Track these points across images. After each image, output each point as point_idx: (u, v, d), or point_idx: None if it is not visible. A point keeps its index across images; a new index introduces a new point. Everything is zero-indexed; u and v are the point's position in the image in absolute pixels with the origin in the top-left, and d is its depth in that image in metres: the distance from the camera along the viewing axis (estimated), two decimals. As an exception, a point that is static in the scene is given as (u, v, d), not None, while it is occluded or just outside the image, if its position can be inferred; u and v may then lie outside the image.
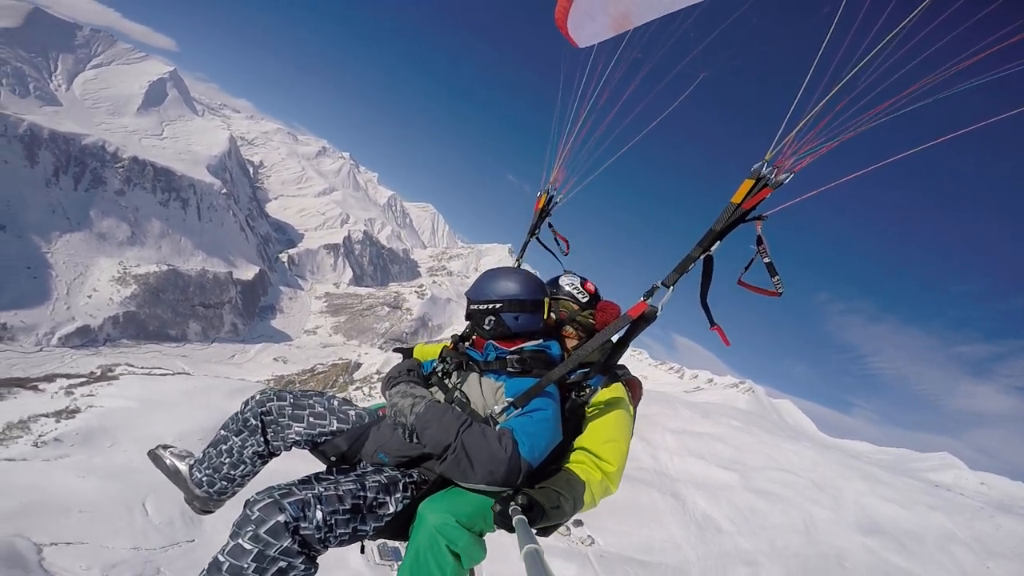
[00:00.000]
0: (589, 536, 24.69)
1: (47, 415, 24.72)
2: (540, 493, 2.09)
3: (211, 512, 2.72)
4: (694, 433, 42.61)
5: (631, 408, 2.67)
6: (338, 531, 1.91)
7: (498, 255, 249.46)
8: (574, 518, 2.40)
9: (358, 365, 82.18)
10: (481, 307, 2.60)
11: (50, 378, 41.44)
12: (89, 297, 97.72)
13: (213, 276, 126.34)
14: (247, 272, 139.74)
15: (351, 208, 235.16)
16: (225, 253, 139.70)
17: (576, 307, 2.93)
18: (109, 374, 44.41)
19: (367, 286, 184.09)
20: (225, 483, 2.56)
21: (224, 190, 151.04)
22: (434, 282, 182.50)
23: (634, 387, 2.81)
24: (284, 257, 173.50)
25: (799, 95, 1.86)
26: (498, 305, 2.55)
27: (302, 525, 1.79)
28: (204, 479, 2.56)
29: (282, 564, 1.73)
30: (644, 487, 30.93)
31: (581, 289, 2.98)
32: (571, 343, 2.87)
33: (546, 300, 2.65)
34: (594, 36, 3.15)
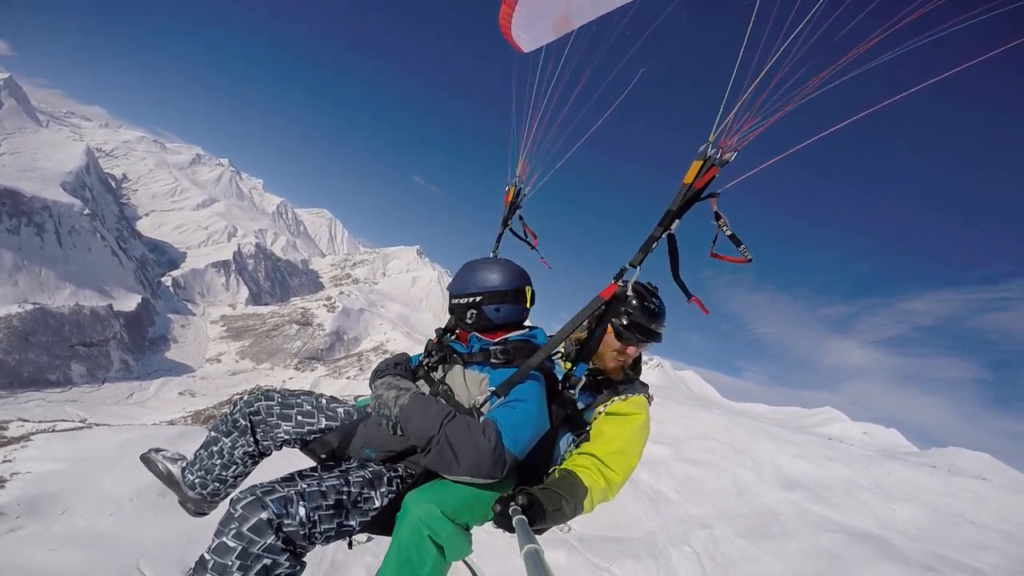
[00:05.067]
0: (565, 524, 26.29)
1: (-37, 490, 21.64)
2: (543, 494, 2.09)
3: (205, 514, 2.73)
4: (621, 413, 45.49)
5: (649, 425, 2.62)
6: (322, 527, 1.91)
7: (406, 258, 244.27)
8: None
9: None
10: (462, 301, 2.59)
11: (-73, 449, 35.59)
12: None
13: (90, 311, 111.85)
14: (128, 302, 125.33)
15: (237, 219, 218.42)
16: (98, 283, 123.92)
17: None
18: (1, 432, 39.21)
19: (267, 304, 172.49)
20: (217, 484, 2.58)
21: (87, 210, 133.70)
22: (341, 292, 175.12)
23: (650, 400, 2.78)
24: (167, 281, 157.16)
25: (732, 78, 1.97)
26: (478, 298, 2.54)
27: (285, 522, 1.80)
28: (197, 481, 2.59)
29: (266, 561, 1.74)
30: (594, 471, 33.07)
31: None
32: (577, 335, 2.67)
33: (528, 288, 2.63)
34: (537, 40, 3.26)
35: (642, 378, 2.90)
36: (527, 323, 2.71)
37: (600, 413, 2.58)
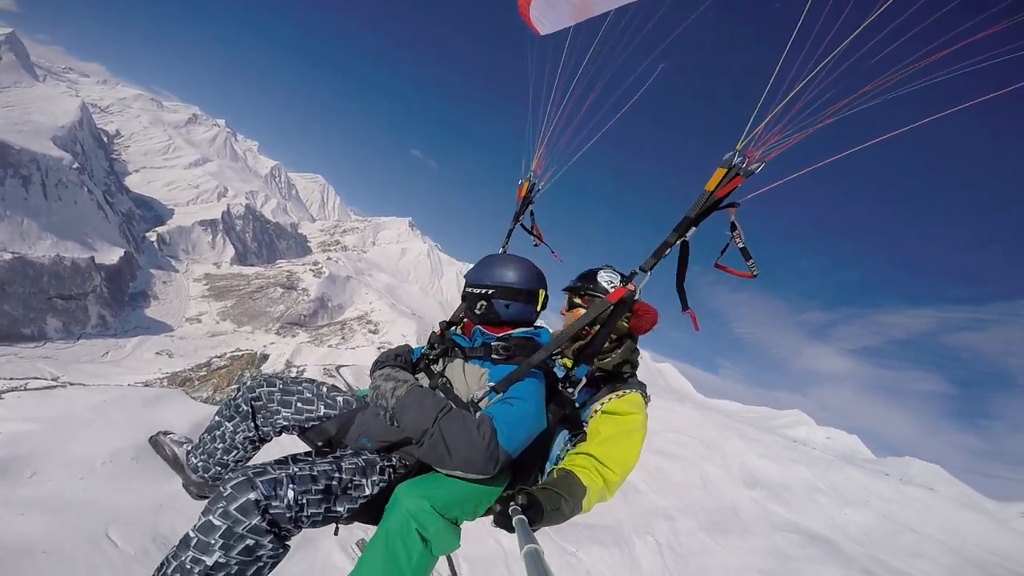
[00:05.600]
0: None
1: (-71, 447, 21.59)
2: (542, 494, 2.09)
3: (206, 497, 2.67)
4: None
5: (645, 424, 2.61)
6: (309, 511, 1.91)
7: (397, 228, 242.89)
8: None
9: (264, 357, 76.39)
10: (475, 291, 2.60)
11: None
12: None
13: (71, 263, 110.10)
14: (110, 256, 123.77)
15: (229, 180, 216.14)
16: (81, 235, 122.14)
17: None
18: (-29, 388, 38.68)
19: (252, 265, 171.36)
20: (219, 468, 2.61)
21: (75, 164, 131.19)
22: (329, 258, 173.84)
23: (646, 397, 2.75)
24: (152, 236, 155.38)
25: (768, 87, 1.91)
26: (491, 291, 2.55)
27: (273, 504, 1.79)
28: (200, 464, 2.63)
29: (249, 542, 1.73)
30: (569, 458, 33.99)
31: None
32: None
33: (542, 292, 2.62)
34: (555, 24, 3.17)
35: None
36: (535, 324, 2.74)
37: (596, 411, 2.58)
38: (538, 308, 2.62)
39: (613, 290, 2.72)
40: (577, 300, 2.94)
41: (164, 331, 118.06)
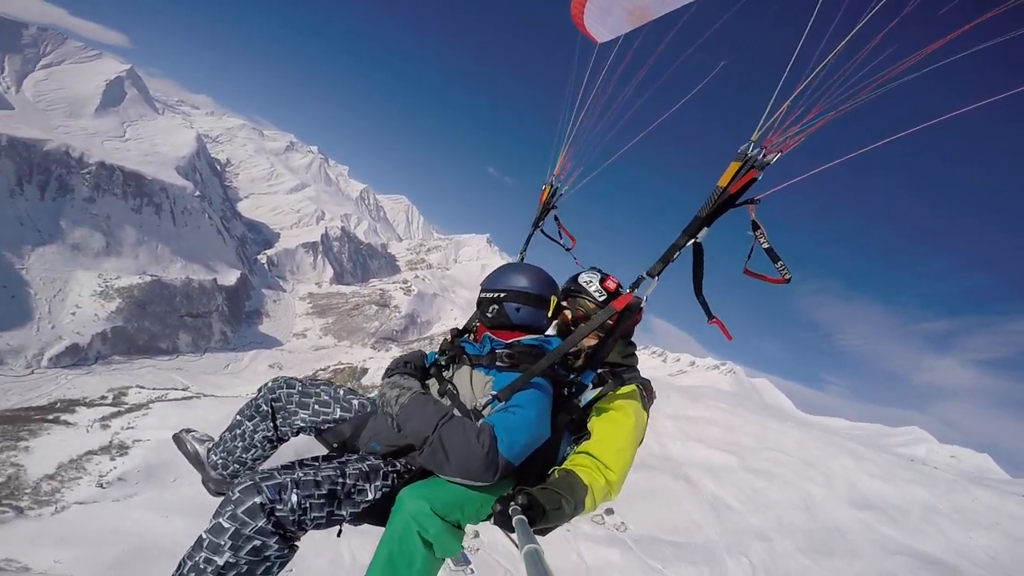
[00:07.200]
0: (622, 523, 26.89)
1: (96, 452, 25.45)
2: (542, 494, 2.07)
3: (224, 494, 2.53)
4: (688, 417, 44.24)
5: (644, 414, 2.60)
6: (313, 515, 1.96)
7: (476, 245, 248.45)
8: (605, 506, 2.31)
9: (364, 370, 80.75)
10: (488, 295, 2.69)
11: (68, 407, 41.39)
12: (73, 314, 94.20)
13: (199, 284, 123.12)
14: (229, 277, 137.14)
15: (325, 204, 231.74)
16: (204, 258, 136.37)
17: (594, 306, 2.83)
18: (122, 398, 44.53)
19: (348, 284, 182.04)
20: (238, 466, 2.66)
21: (197, 192, 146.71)
22: (417, 276, 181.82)
23: (647, 390, 2.73)
24: (263, 259, 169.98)
25: (787, 72, 1.81)
26: (503, 294, 2.63)
27: (277, 507, 1.86)
28: (219, 462, 2.67)
29: (256, 543, 1.81)
30: (657, 473, 32.95)
31: (600, 287, 2.87)
32: (589, 343, 2.70)
33: (553, 299, 2.69)
34: (612, 31, 3.14)
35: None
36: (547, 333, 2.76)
37: (593, 409, 2.59)
38: (549, 314, 2.70)
39: (595, 291, 2.86)
40: (563, 304, 2.95)
41: (275, 345, 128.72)
